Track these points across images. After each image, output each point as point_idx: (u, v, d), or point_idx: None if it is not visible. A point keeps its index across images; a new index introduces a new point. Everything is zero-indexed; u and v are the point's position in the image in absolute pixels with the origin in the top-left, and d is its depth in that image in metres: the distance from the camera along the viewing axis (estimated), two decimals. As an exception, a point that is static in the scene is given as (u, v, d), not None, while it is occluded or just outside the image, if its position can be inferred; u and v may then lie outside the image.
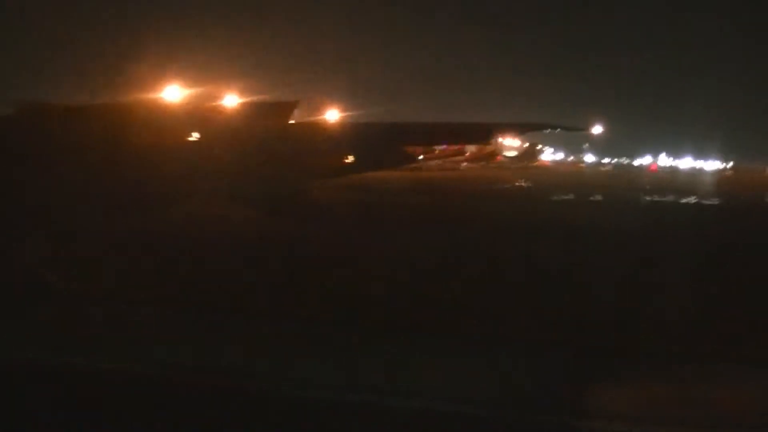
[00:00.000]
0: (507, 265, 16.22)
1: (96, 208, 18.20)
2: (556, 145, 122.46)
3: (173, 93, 30.25)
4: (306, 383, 8.08)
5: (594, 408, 7.65)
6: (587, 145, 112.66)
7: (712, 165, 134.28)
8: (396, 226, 22.90)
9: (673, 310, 12.15)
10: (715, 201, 45.74)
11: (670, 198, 46.43)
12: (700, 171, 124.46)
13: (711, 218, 34.48)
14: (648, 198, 46.31)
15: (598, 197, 45.17)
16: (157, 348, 9.16)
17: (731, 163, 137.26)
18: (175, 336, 9.94)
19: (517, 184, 57.47)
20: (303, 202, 28.98)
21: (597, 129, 40.92)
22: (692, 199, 45.10)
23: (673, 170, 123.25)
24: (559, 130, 43.03)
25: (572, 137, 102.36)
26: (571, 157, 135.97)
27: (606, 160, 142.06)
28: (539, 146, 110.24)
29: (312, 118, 35.80)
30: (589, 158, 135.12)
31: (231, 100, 32.26)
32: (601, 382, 8.46)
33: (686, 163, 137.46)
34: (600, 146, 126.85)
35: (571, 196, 45.01)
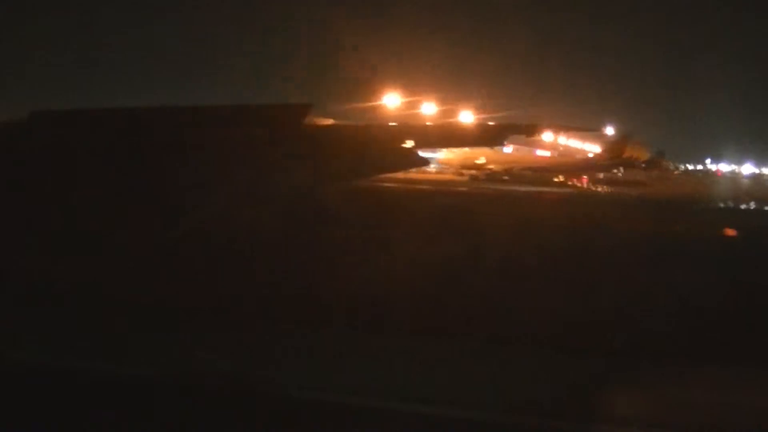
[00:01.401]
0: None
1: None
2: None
3: (392, 100, 30.96)
4: (309, 385, 8.13)
5: (599, 412, 7.66)
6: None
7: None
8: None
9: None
10: None
11: None
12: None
13: None
14: None
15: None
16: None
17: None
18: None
19: None
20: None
21: (609, 130, 41.20)
22: None
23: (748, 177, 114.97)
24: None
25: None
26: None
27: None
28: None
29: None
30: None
31: (430, 109, 32.39)
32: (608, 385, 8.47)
33: (747, 169, 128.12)
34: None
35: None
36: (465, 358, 9.52)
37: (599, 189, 60.44)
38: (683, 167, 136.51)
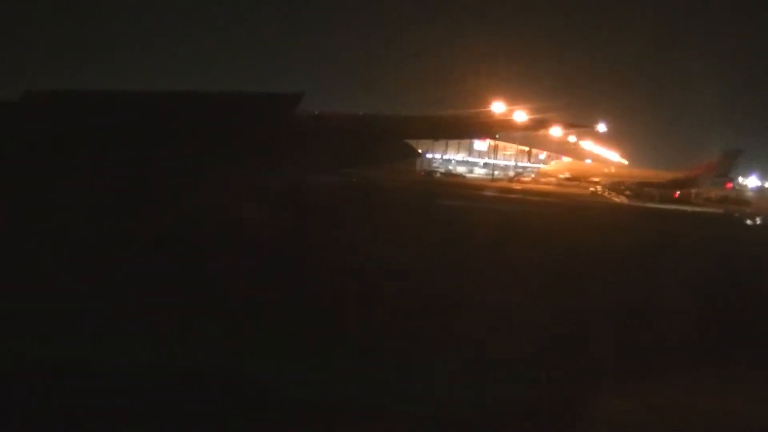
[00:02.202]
0: None
1: None
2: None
3: (498, 108, 31.01)
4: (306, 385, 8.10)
5: (591, 416, 7.72)
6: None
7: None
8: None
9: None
10: None
11: None
12: None
13: None
14: None
15: None
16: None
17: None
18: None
19: None
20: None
21: (601, 127, 41.08)
22: None
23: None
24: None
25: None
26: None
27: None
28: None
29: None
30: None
31: (520, 115, 32.08)
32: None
33: (753, 182, 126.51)
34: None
35: None
36: None
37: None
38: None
